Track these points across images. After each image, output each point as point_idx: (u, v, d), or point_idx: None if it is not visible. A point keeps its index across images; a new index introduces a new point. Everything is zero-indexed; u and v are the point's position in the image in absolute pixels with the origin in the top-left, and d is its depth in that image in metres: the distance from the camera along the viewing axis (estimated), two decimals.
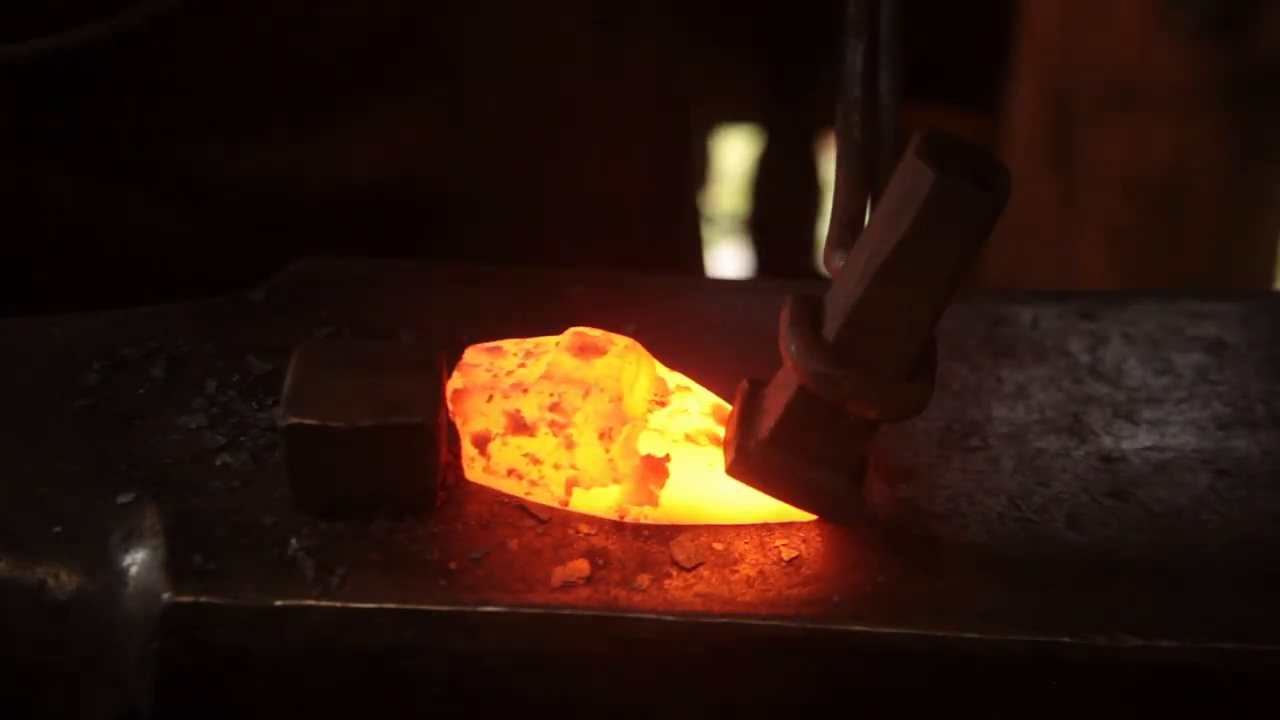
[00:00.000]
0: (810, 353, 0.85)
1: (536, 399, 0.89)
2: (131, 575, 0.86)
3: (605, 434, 0.88)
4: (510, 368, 0.91)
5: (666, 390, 0.93)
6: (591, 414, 0.88)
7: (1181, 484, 0.96)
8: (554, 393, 0.89)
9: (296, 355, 0.91)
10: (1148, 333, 1.08)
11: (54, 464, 0.92)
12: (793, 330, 0.86)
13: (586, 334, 0.91)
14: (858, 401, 0.85)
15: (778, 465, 0.88)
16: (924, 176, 0.80)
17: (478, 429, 0.90)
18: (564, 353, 0.90)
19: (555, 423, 0.89)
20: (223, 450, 0.93)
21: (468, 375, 0.90)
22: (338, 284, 1.08)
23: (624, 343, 0.91)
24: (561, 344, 0.91)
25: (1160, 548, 0.91)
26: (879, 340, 0.84)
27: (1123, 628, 0.84)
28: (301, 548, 0.86)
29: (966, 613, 0.85)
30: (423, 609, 0.84)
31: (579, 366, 0.89)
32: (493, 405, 0.89)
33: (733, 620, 0.84)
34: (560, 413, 0.88)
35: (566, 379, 0.89)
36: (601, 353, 0.90)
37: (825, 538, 0.90)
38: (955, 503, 0.93)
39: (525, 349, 0.92)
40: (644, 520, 0.89)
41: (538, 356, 0.91)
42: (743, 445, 0.88)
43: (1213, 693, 0.84)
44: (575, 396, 0.88)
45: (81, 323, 1.03)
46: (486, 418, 0.90)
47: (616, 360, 0.90)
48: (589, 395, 0.88)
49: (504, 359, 0.91)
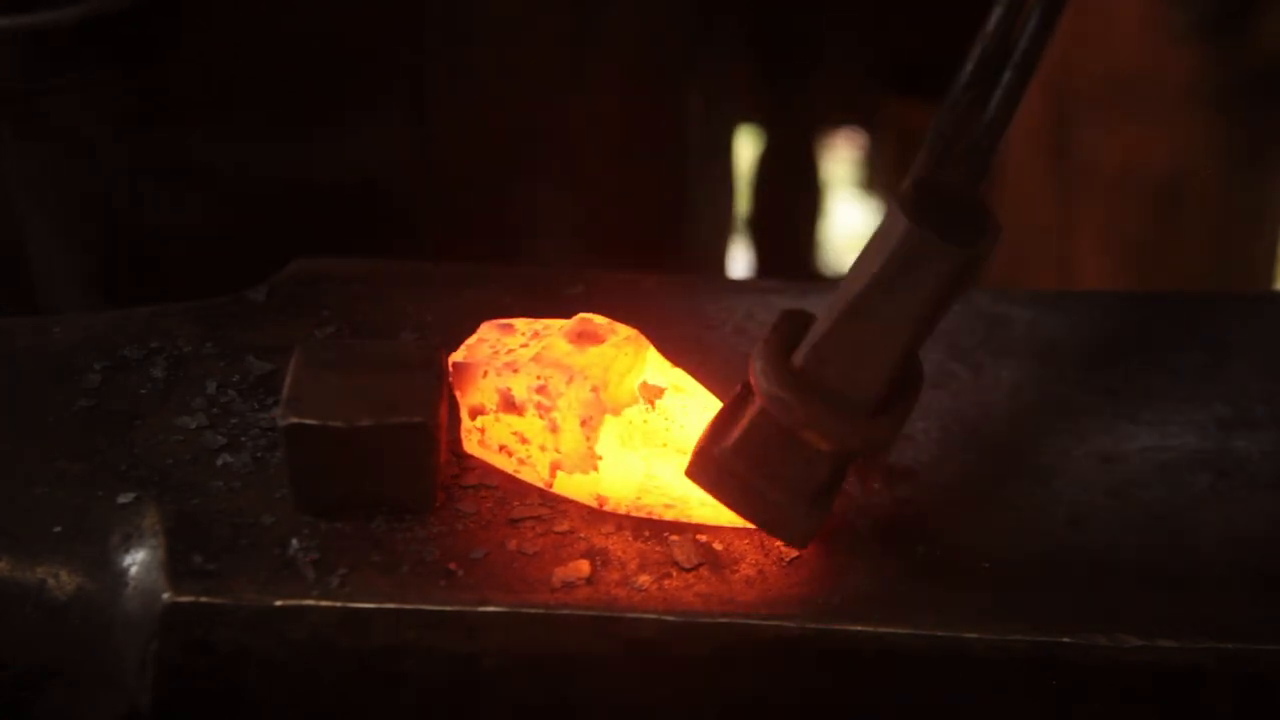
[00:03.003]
0: (771, 376, 0.85)
1: (525, 380, 0.90)
2: (131, 575, 0.86)
3: (585, 421, 0.89)
4: (512, 346, 0.92)
5: (660, 391, 0.93)
6: (574, 400, 0.89)
7: (1181, 484, 0.96)
8: (540, 375, 0.89)
9: (296, 355, 0.91)
10: (1148, 333, 1.08)
11: (54, 464, 0.92)
12: (763, 350, 0.86)
13: (591, 321, 0.92)
14: (812, 431, 0.85)
15: (734, 476, 0.87)
16: (898, 224, 0.81)
17: (474, 402, 0.92)
18: (561, 337, 0.91)
19: (541, 405, 0.89)
20: (223, 450, 0.93)
21: (471, 350, 0.92)
22: (338, 284, 1.08)
23: (626, 333, 0.92)
24: (564, 329, 0.92)
25: (1160, 548, 0.91)
26: (844, 373, 0.84)
27: (1123, 628, 0.84)
28: (301, 548, 0.86)
29: (966, 613, 0.85)
30: (423, 609, 0.84)
31: (570, 353, 0.90)
32: (487, 381, 0.91)
33: (733, 620, 0.84)
34: (546, 395, 0.89)
35: (555, 363, 0.89)
36: (599, 341, 0.91)
37: (825, 538, 0.90)
38: (955, 503, 0.93)
39: (534, 329, 0.93)
40: (620, 511, 0.90)
41: (541, 338, 0.92)
42: (705, 450, 0.88)
43: (1213, 693, 0.84)
44: (560, 382, 0.89)
45: (82, 323, 1.04)
46: (481, 392, 0.91)
47: (611, 350, 0.90)
48: (572, 382, 0.89)
49: (511, 337, 0.93)
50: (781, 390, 0.84)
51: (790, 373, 0.85)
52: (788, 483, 0.87)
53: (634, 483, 0.90)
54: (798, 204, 3.32)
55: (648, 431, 0.90)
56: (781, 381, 0.84)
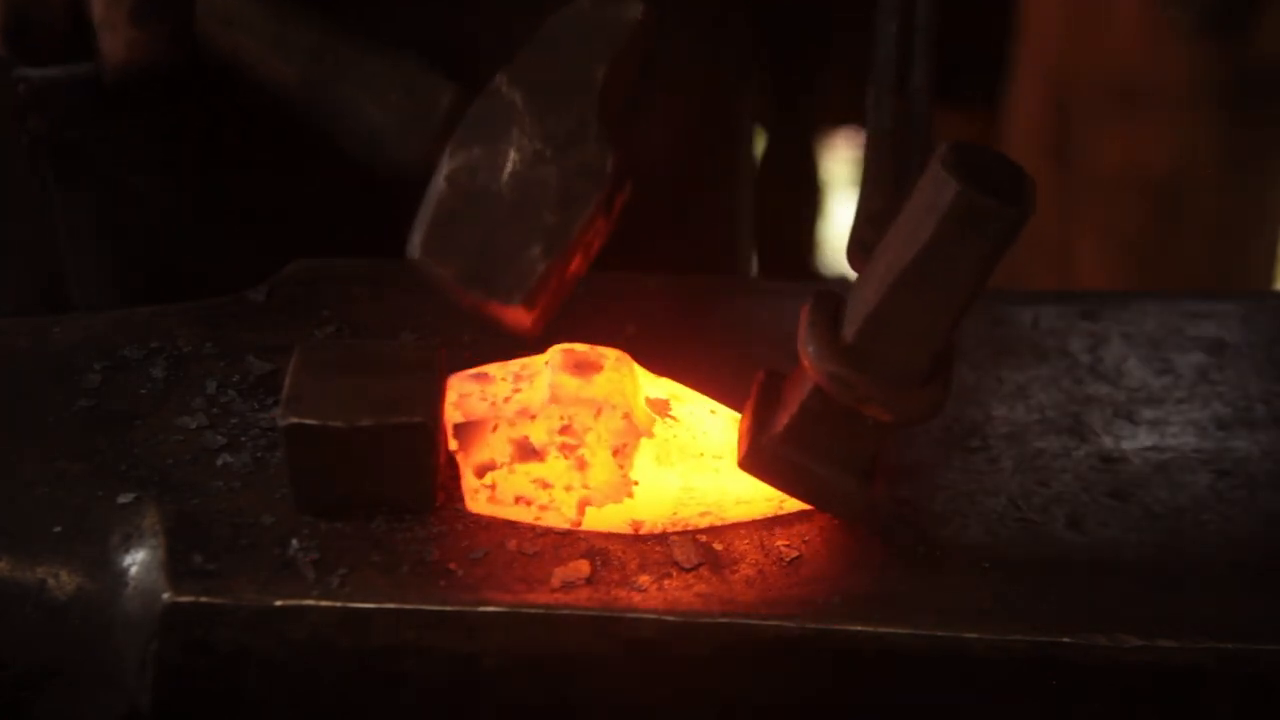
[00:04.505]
0: (828, 355, 0.85)
1: (545, 423, 0.88)
2: (131, 575, 0.86)
3: (619, 450, 0.88)
4: (506, 394, 0.90)
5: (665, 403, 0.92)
6: (604, 432, 0.88)
7: (1181, 484, 0.96)
8: (564, 415, 0.88)
9: (296, 355, 0.91)
10: (1148, 333, 1.08)
11: (54, 464, 0.92)
12: (812, 331, 0.86)
13: (575, 350, 0.91)
14: (873, 405, 0.85)
15: (789, 462, 0.88)
16: (947, 188, 0.81)
17: (482, 460, 0.89)
18: (562, 372, 0.89)
19: (566, 445, 0.88)
20: (223, 450, 0.93)
21: (465, 407, 0.89)
22: (338, 284, 1.08)
23: (614, 355, 0.91)
24: (553, 363, 0.90)
25: (1160, 548, 0.91)
26: (896, 345, 0.84)
27: (1123, 628, 0.84)
28: (301, 548, 0.86)
29: (966, 613, 0.85)
30: (423, 609, 0.84)
31: (583, 386, 0.89)
32: (498, 435, 0.89)
33: (733, 620, 0.84)
34: (571, 434, 0.88)
35: (575, 400, 0.88)
36: (598, 368, 0.90)
37: (825, 538, 0.90)
38: (955, 503, 0.93)
39: (513, 372, 0.91)
40: (656, 531, 0.89)
41: (530, 379, 0.90)
42: (756, 440, 0.88)
43: (1213, 693, 0.84)
44: (587, 416, 0.88)
45: (82, 323, 1.04)
46: (491, 448, 0.89)
47: (614, 374, 0.89)
48: (601, 414, 0.88)
49: (495, 385, 0.90)
50: (840, 368, 0.85)
51: (844, 349, 0.85)
52: (842, 459, 0.87)
53: (670, 500, 0.89)
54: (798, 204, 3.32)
55: (680, 445, 0.90)
56: (839, 359, 0.85)
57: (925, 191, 0.82)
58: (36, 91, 1.11)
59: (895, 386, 0.85)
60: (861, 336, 0.85)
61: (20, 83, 1.10)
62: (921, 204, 0.82)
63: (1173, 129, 2.34)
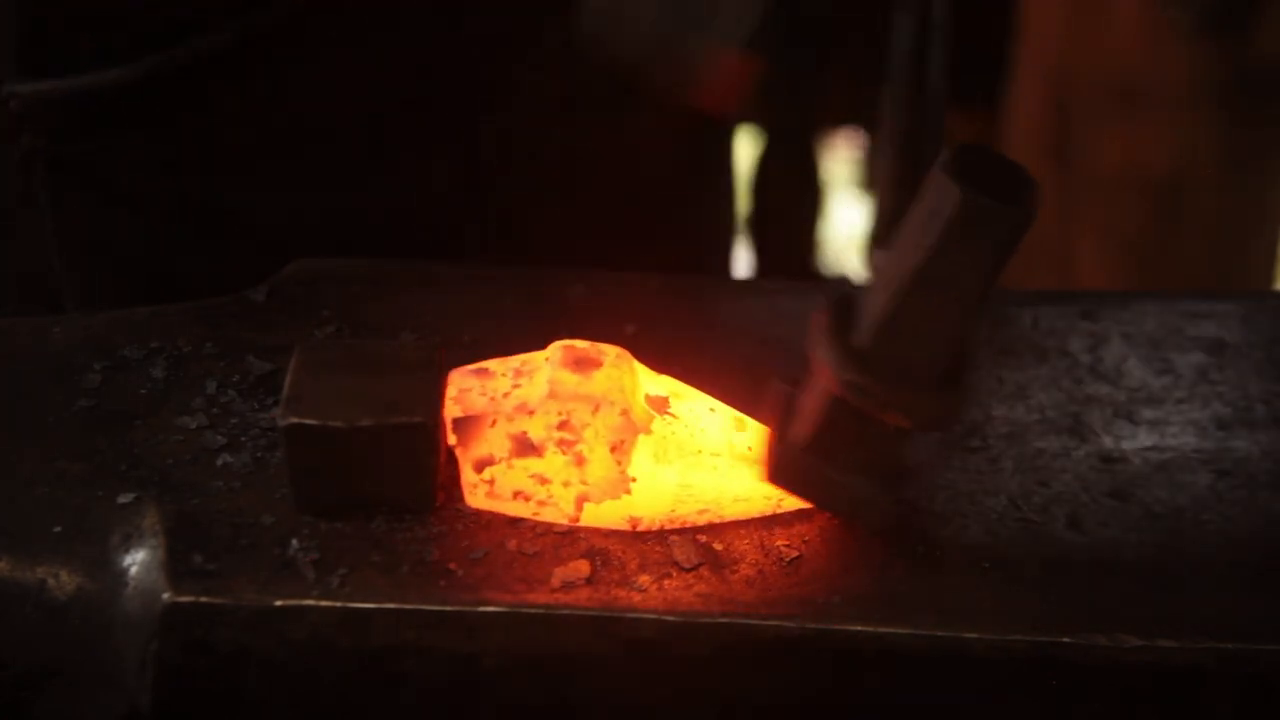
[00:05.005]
0: (845, 363, 0.85)
1: (544, 419, 0.88)
2: (131, 575, 0.86)
3: (617, 447, 0.88)
4: (505, 389, 0.90)
5: (665, 400, 0.92)
6: (602, 428, 0.88)
7: (1181, 484, 0.96)
8: (562, 411, 0.88)
9: (296, 355, 0.91)
10: (1148, 333, 1.09)
11: (54, 464, 0.92)
12: (826, 339, 0.86)
13: (575, 346, 0.91)
14: (892, 411, 0.85)
15: (815, 473, 0.88)
16: (951, 192, 0.81)
17: (481, 454, 0.89)
18: (561, 369, 0.89)
19: (564, 441, 0.88)
20: (223, 450, 0.93)
21: (463, 402, 0.89)
22: (338, 284, 1.08)
23: (614, 352, 0.91)
24: (553, 359, 0.90)
25: (1160, 548, 0.91)
26: (910, 350, 0.84)
27: (1123, 628, 0.84)
28: (301, 548, 0.86)
29: (966, 613, 0.85)
30: (423, 609, 0.84)
31: (581, 382, 0.89)
32: (496, 430, 0.89)
33: (733, 620, 0.84)
34: (569, 430, 0.88)
35: (574, 395, 0.88)
36: (597, 365, 0.90)
37: (825, 537, 0.90)
38: (955, 503, 0.93)
39: (513, 368, 0.91)
40: (654, 528, 0.89)
41: (530, 375, 0.90)
42: (781, 454, 0.88)
43: (1213, 693, 0.84)
44: (585, 413, 0.88)
45: (82, 323, 1.04)
46: (490, 442, 0.89)
47: (614, 370, 0.89)
48: (599, 410, 0.88)
49: (494, 380, 0.91)
50: (857, 375, 0.85)
51: (860, 357, 0.85)
52: (865, 466, 0.88)
53: (667, 496, 0.89)
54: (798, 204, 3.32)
55: (678, 442, 0.90)
56: (854, 367, 0.85)
57: (929, 196, 0.82)
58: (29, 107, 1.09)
59: (913, 391, 0.85)
60: (876, 343, 0.85)
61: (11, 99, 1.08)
62: (926, 209, 0.82)
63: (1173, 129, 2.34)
